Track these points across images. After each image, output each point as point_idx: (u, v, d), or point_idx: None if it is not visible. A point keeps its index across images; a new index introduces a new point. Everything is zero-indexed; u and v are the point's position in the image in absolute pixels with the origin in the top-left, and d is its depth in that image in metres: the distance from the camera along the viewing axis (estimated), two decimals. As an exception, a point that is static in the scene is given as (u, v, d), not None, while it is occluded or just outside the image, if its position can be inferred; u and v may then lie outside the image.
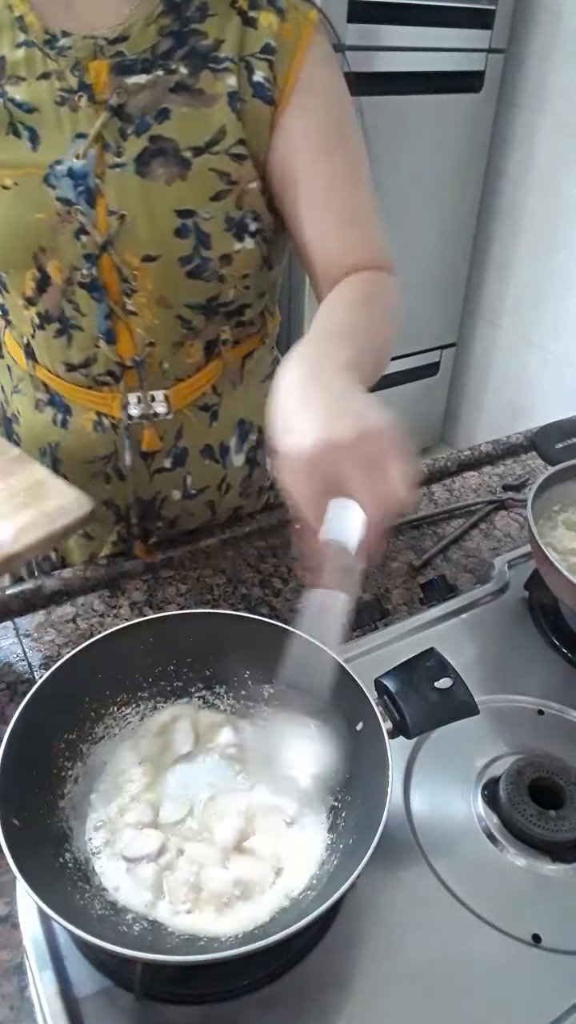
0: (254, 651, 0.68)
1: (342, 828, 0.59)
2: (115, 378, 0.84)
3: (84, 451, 0.89)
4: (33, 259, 0.78)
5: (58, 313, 0.81)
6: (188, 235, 0.76)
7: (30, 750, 0.57)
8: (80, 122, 0.74)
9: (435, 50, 2.21)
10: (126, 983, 0.54)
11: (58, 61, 0.73)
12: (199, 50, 0.74)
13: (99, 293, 0.79)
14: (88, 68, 0.73)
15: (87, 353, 0.83)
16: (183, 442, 0.91)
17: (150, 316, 0.81)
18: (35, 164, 0.74)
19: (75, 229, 0.76)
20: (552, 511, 0.89)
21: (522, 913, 0.60)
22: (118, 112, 0.73)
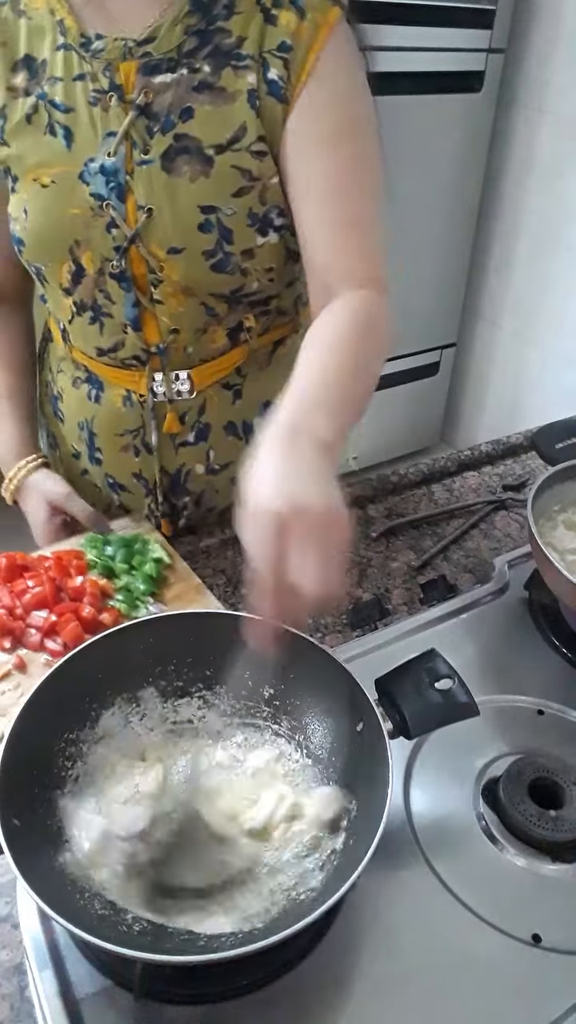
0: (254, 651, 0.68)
1: (342, 828, 0.59)
2: (141, 362, 0.89)
3: (115, 425, 0.94)
4: (69, 252, 0.82)
5: (91, 302, 0.85)
6: (211, 230, 0.79)
7: (30, 750, 0.57)
8: (111, 121, 0.77)
9: (435, 50, 2.20)
10: (126, 983, 0.54)
11: (92, 63, 0.77)
12: (222, 48, 0.77)
13: (127, 283, 0.83)
14: (118, 69, 0.77)
15: (116, 339, 0.87)
16: (205, 418, 0.94)
17: (175, 305, 0.84)
18: (70, 162, 0.78)
19: (106, 223, 0.79)
20: (552, 511, 0.89)
21: (522, 913, 0.60)
22: (145, 111, 0.77)
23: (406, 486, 1.12)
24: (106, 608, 0.84)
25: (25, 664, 0.79)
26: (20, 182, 0.81)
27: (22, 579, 0.85)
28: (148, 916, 0.55)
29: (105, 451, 0.96)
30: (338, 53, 0.77)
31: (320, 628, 0.88)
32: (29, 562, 0.88)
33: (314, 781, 0.64)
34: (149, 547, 0.92)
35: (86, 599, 0.83)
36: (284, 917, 0.54)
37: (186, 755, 0.66)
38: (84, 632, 0.79)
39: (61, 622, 0.80)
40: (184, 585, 0.89)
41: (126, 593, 0.86)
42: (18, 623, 0.81)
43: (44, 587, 0.83)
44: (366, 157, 0.80)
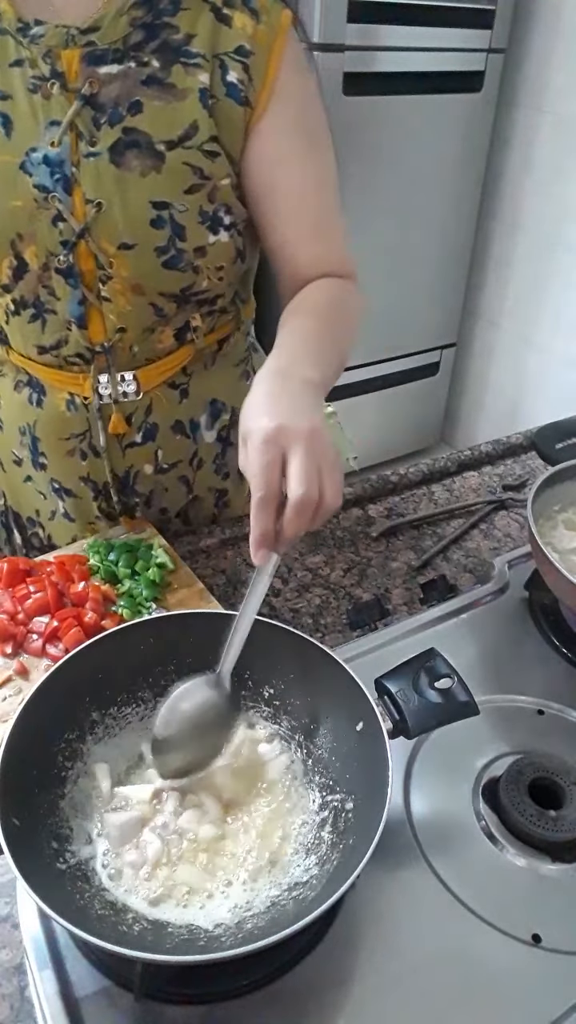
0: (254, 651, 0.68)
1: (342, 828, 0.59)
2: (85, 361, 0.86)
3: (59, 429, 0.92)
4: (10, 246, 0.78)
5: (33, 298, 0.82)
6: (164, 226, 0.78)
7: (30, 750, 0.57)
8: (53, 110, 0.75)
9: (435, 50, 2.21)
10: (126, 983, 0.54)
11: (30, 49, 0.74)
12: (170, 44, 0.75)
13: (74, 279, 0.80)
14: (60, 56, 0.74)
15: (58, 336, 0.85)
16: (152, 418, 0.92)
17: (123, 303, 0.82)
18: (10, 151, 0.75)
19: (52, 216, 0.77)
20: (552, 511, 0.89)
21: (522, 913, 0.60)
22: (90, 101, 0.75)
23: (406, 486, 1.12)
24: (108, 614, 0.84)
25: (27, 669, 0.79)
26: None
27: (24, 584, 0.85)
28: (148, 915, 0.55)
29: (50, 456, 0.93)
30: (296, 60, 0.79)
31: (320, 628, 0.88)
32: (31, 567, 0.88)
33: (314, 781, 0.64)
34: (152, 552, 0.92)
35: (88, 604, 0.83)
36: (284, 917, 0.54)
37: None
38: (86, 638, 0.79)
39: (63, 627, 0.80)
40: (187, 591, 0.89)
41: (128, 598, 0.86)
42: (20, 628, 0.81)
43: (46, 592, 0.83)
44: (328, 162, 0.84)
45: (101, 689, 0.65)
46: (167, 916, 0.55)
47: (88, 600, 0.84)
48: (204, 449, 0.98)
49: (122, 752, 0.65)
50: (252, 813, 0.62)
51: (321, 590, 0.93)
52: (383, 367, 2.65)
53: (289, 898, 0.56)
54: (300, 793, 0.63)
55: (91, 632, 0.80)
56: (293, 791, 0.63)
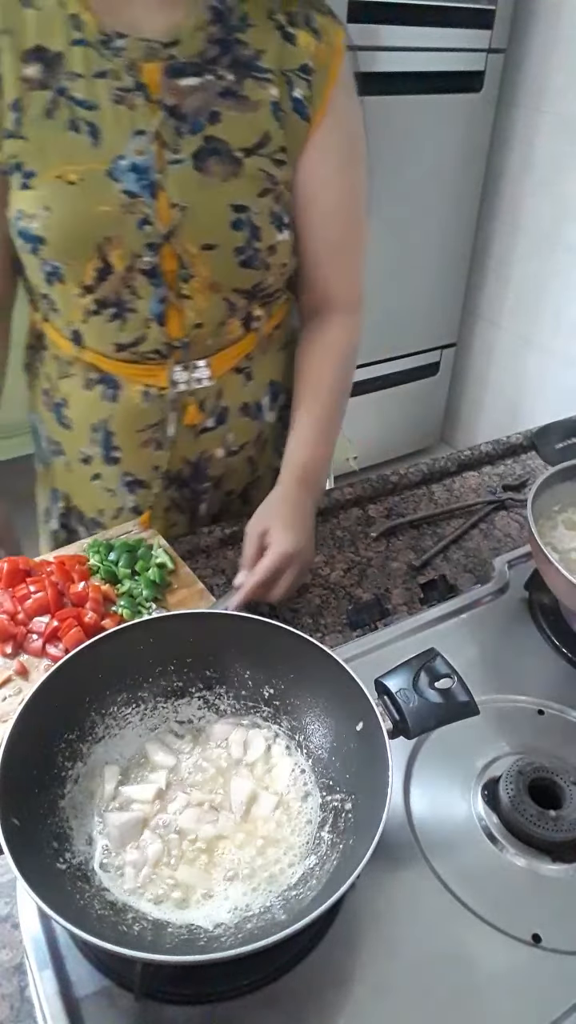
0: (254, 651, 0.68)
1: (342, 828, 0.59)
2: (162, 355, 0.90)
3: (135, 422, 0.94)
4: (97, 249, 0.81)
5: (115, 298, 0.85)
6: (243, 228, 0.84)
7: (30, 750, 0.57)
8: (137, 120, 0.79)
9: (435, 50, 2.21)
10: (126, 983, 0.54)
11: (113, 61, 0.78)
12: (242, 59, 0.81)
13: (157, 279, 0.84)
14: (142, 69, 0.78)
15: (138, 334, 0.88)
16: (223, 402, 0.96)
17: (202, 300, 0.86)
18: (98, 159, 0.79)
19: (138, 220, 0.81)
20: (552, 511, 0.89)
21: (522, 913, 0.60)
22: (173, 111, 0.79)
23: (406, 486, 1.12)
24: (108, 614, 0.84)
25: (27, 670, 0.79)
26: (37, 178, 0.79)
27: (24, 584, 0.85)
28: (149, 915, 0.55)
29: (125, 449, 0.96)
30: (347, 79, 0.86)
31: (320, 628, 0.88)
32: (31, 567, 0.88)
33: (314, 781, 0.64)
34: (153, 552, 0.92)
35: (88, 604, 0.83)
36: (284, 917, 0.54)
37: (186, 756, 0.66)
38: (86, 638, 0.79)
39: (63, 627, 0.80)
40: (187, 591, 0.89)
41: (128, 599, 0.86)
42: (20, 628, 0.81)
43: (46, 592, 0.83)
44: (361, 181, 0.92)
45: (101, 689, 0.65)
46: (167, 916, 0.55)
47: (88, 600, 0.84)
48: (267, 429, 1.04)
49: (123, 752, 0.65)
50: (253, 813, 0.62)
51: (321, 590, 0.93)
52: (383, 367, 2.65)
53: (289, 898, 0.56)
54: (302, 794, 0.63)
55: (91, 632, 0.79)
56: (295, 792, 0.63)
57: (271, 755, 0.66)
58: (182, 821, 0.60)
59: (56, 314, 0.90)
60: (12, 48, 0.77)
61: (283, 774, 0.64)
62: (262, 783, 0.64)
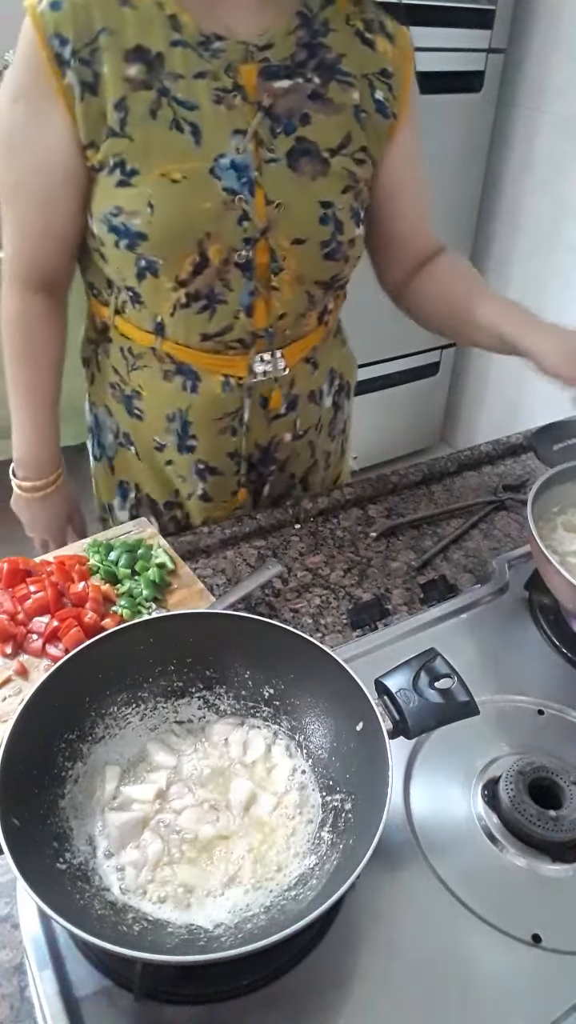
0: (254, 651, 0.68)
1: (342, 828, 0.59)
2: (244, 345, 0.93)
3: (213, 410, 0.97)
4: (197, 245, 0.84)
5: (207, 291, 0.87)
6: (328, 223, 0.88)
7: (30, 750, 0.57)
8: (236, 120, 0.82)
9: (435, 50, 2.20)
10: (126, 983, 0.54)
11: (211, 62, 0.81)
12: (326, 62, 0.85)
13: (250, 272, 0.87)
14: (240, 70, 0.81)
15: (225, 324, 0.90)
16: (295, 390, 1.01)
17: (288, 292, 0.90)
18: (200, 158, 0.81)
19: (238, 216, 0.84)
20: (551, 512, 0.89)
21: (522, 913, 0.60)
22: (268, 112, 0.83)
23: (406, 486, 1.12)
24: (108, 614, 0.84)
25: (27, 670, 0.79)
26: (140, 176, 0.81)
27: (24, 584, 0.85)
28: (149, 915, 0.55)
29: (201, 437, 0.98)
30: (414, 78, 0.93)
31: (320, 628, 0.88)
32: (31, 567, 0.88)
33: (314, 781, 0.64)
34: (152, 552, 0.92)
35: (88, 604, 0.83)
36: (284, 917, 0.54)
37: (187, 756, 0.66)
38: (86, 638, 0.79)
39: (63, 627, 0.80)
40: (187, 591, 0.89)
41: (128, 599, 0.86)
42: (20, 628, 0.81)
43: (46, 592, 0.83)
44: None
45: (101, 689, 0.65)
46: (167, 916, 0.55)
47: (88, 600, 0.84)
48: (324, 415, 1.09)
49: (123, 752, 0.65)
50: (253, 813, 0.62)
51: (321, 590, 0.93)
52: (383, 367, 2.64)
53: (289, 898, 0.56)
54: (302, 794, 0.63)
55: (91, 632, 0.80)
56: (295, 792, 0.63)
57: (271, 755, 0.66)
58: (182, 821, 0.60)
59: (139, 307, 0.90)
60: (114, 47, 0.78)
61: (283, 774, 0.65)
62: (262, 783, 0.64)
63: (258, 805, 0.62)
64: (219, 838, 0.60)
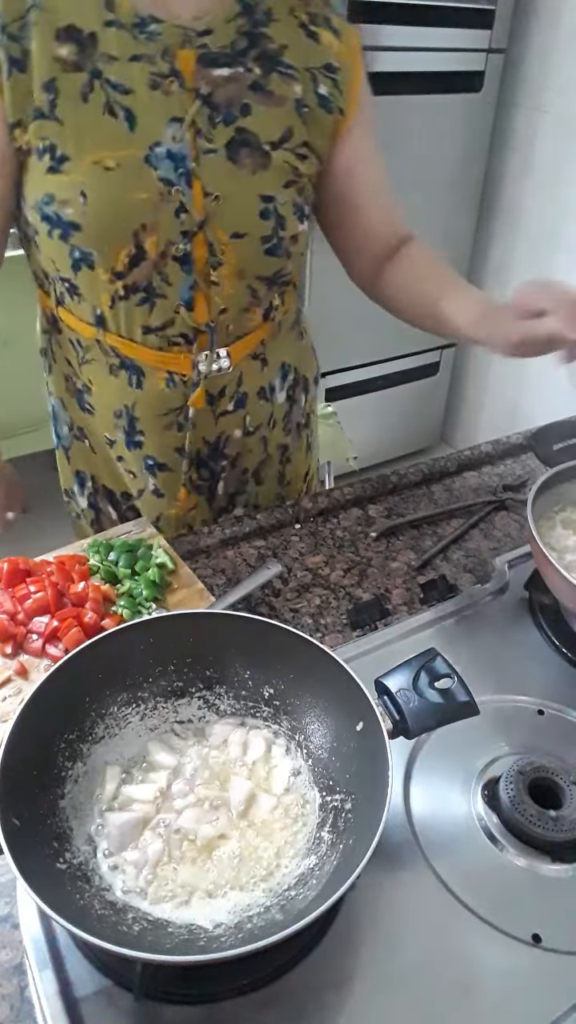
0: (254, 651, 0.68)
1: (342, 828, 0.59)
2: (187, 340, 0.91)
3: (158, 406, 0.96)
4: (132, 236, 0.82)
5: (145, 284, 0.86)
6: (270, 217, 0.86)
7: (30, 750, 0.57)
8: (173, 107, 0.79)
9: (435, 50, 2.21)
10: (126, 983, 0.54)
11: (147, 45, 0.78)
12: (268, 53, 0.83)
13: (189, 266, 0.86)
14: (177, 55, 0.79)
15: (166, 318, 0.89)
16: (243, 387, 0.99)
17: (228, 287, 0.89)
18: (134, 145, 0.79)
19: (175, 208, 0.82)
20: (551, 512, 0.89)
21: (522, 913, 0.60)
22: (207, 101, 0.80)
23: (406, 486, 1.12)
24: (108, 614, 0.84)
25: (26, 670, 0.79)
26: (72, 163, 0.78)
27: (24, 584, 0.85)
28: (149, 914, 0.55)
29: (148, 433, 0.98)
30: (365, 72, 0.91)
31: (320, 628, 0.88)
32: (31, 567, 0.88)
33: (314, 781, 0.64)
34: (152, 552, 0.92)
35: (88, 605, 0.83)
36: (284, 917, 0.54)
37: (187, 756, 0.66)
38: (86, 638, 0.79)
39: (63, 628, 0.80)
40: (187, 591, 0.89)
41: (128, 599, 0.86)
42: (20, 628, 0.81)
43: (46, 592, 0.83)
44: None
45: (101, 689, 0.65)
46: (167, 916, 0.55)
47: (88, 600, 0.84)
48: (277, 409, 1.07)
49: (123, 752, 0.65)
50: (253, 813, 0.62)
51: (321, 590, 0.93)
52: (383, 367, 2.64)
53: (289, 898, 0.56)
54: (301, 794, 0.63)
55: (91, 632, 0.79)
56: (295, 792, 0.63)
57: (271, 755, 0.66)
58: (183, 821, 0.60)
59: (78, 299, 0.89)
60: (45, 24, 0.76)
61: (283, 774, 0.64)
62: (262, 783, 0.64)
63: (258, 805, 0.62)
64: (219, 838, 0.60)
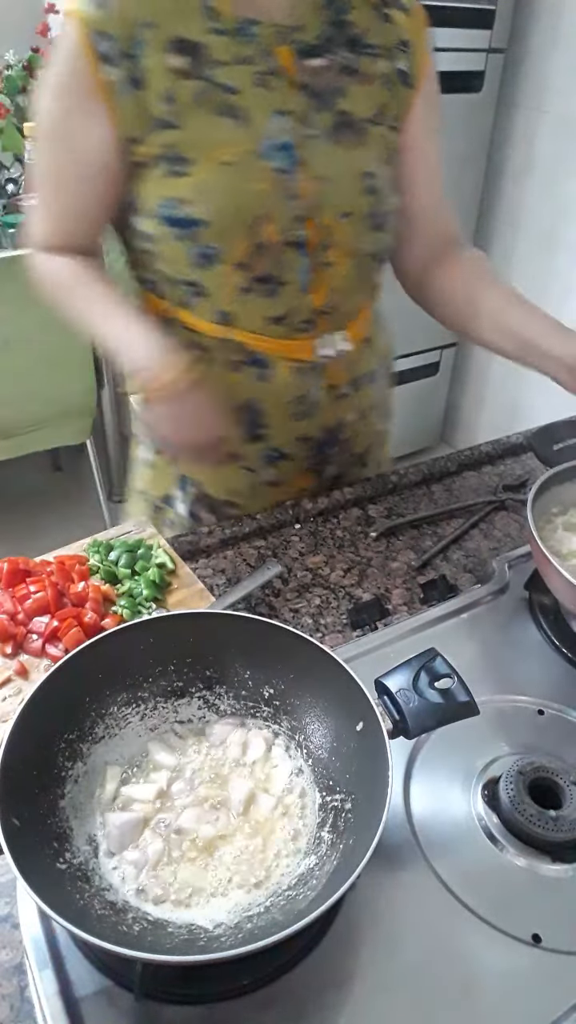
0: (254, 651, 0.68)
1: (342, 828, 0.59)
2: (309, 325, 0.94)
3: (284, 395, 0.98)
4: (253, 225, 0.86)
5: (268, 273, 0.89)
6: (373, 193, 0.91)
7: (30, 750, 0.57)
8: (277, 101, 0.84)
9: (435, 50, 2.20)
10: (126, 983, 0.54)
11: (249, 46, 0.83)
12: (353, 38, 0.89)
13: (304, 250, 0.89)
14: (276, 53, 0.84)
15: (289, 306, 0.92)
16: (357, 370, 1.03)
17: (341, 267, 0.92)
18: (247, 140, 0.84)
19: (287, 195, 0.86)
20: (551, 512, 0.89)
21: (522, 913, 0.60)
22: (307, 90, 0.86)
23: (406, 486, 1.12)
24: (108, 614, 0.84)
25: (26, 670, 0.79)
26: (196, 164, 0.83)
27: (24, 584, 0.85)
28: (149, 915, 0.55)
29: (272, 424, 0.99)
30: (431, 47, 0.96)
31: (320, 628, 0.88)
32: (31, 567, 0.88)
33: (314, 781, 0.64)
34: (153, 552, 0.92)
35: (88, 604, 0.83)
36: (284, 917, 0.54)
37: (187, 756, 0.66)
38: (86, 638, 0.79)
39: (63, 627, 0.80)
40: (187, 591, 0.89)
41: (128, 598, 0.86)
42: (20, 628, 0.81)
43: (46, 592, 0.83)
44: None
45: (101, 689, 0.65)
46: (167, 916, 0.55)
47: (88, 600, 0.84)
48: (377, 393, 1.10)
49: (123, 752, 0.65)
50: (253, 813, 0.62)
51: (321, 590, 0.93)
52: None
53: (289, 898, 0.56)
54: (302, 794, 0.63)
55: (91, 632, 0.80)
56: (295, 792, 0.63)
57: (271, 755, 0.66)
58: (183, 821, 0.60)
59: (200, 298, 0.91)
60: (155, 40, 0.80)
61: (283, 774, 0.65)
62: (262, 783, 0.64)
63: (258, 805, 0.62)
64: (219, 838, 0.60)
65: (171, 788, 0.63)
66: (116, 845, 0.59)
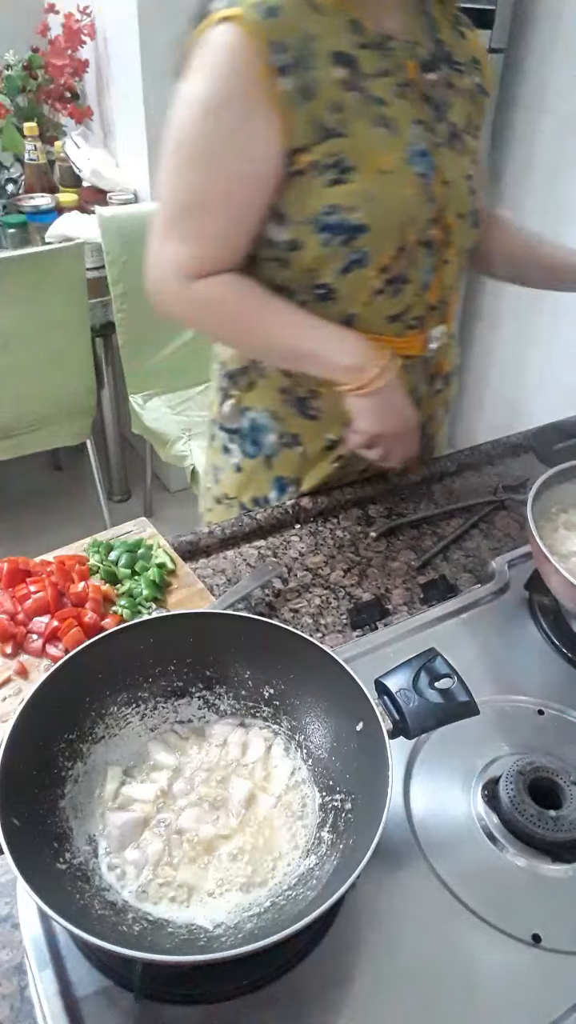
0: (254, 651, 0.68)
1: (342, 828, 0.59)
2: (421, 322, 0.99)
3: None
4: (401, 229, 0.90)
5: (399, 273, 0.93)
6: (474, 194, 0.98)
7: (30, 750, 0.57)
8: (413, 111, 0.90)
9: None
10: (126, 983, 0.54)
11: (389, 60, 0.88)
12: (447, 55, 0.95)
13: (431, 249, 0.95)
14: (407, 66, 0.89)
15: (408, 303, 0.96)
16: (451, 364, 1.09)
17: (454, 264, 0.99)
18: (397, 149, 0.89)
19: (427, 199, 0.91)
20: (551, 512, 0.89)
21: (522, 913, 0.60)
22: (430, 101, 0.92)
23: (406, 486, 1.12)
24: (108, 614, 0.84)
25: (26, 670, 0.79)
26: (357, 172, 0.86)
27: (24, 584, 0.85)
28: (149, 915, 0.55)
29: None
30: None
31: (320, 628, 0.88)
32: (31, 567, 0.88)
33: (314, 781, 0.64)
34: (153, 552, 0.92)
35: (88, 604, 0.83)
36: (284, 917, 0.54)
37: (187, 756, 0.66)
38: (86, 638, 0.79)
39: (63, 628, 0.80)
40: (187, 591, 0.89)
41: (128, 598, 0.86)
42: (20, 628, 0.81)
43: (46, 592, 0.83)
44: None
45: (101, 689, 0.65)
46: (167, 916, 0.55)
47: (88, 600, 0.84)
48: (451, 390, 1.15)
49: (123, 752, 0.65)
50: (253, 813, 0.62)
51: (321, 590, 0.93)
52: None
53: (289, 898, 0.56)
54: (302, 794, 0.63)
55: (91, 632, 0.80)
56: (295, 792, 0.63)
57: (271, 755, 0.66)
58: (183, 821, 0.60)
59: (327, 303, 0.93)
60: (321, 52, 0.83)
61: (283, 774, 0.65)
62: (262, 783, 0.64)
63: (258, 805, 0.62)
64: (219, 838, 0.60)
65: (171, 788, 0.63)
66: (116, 845, 0.59)
